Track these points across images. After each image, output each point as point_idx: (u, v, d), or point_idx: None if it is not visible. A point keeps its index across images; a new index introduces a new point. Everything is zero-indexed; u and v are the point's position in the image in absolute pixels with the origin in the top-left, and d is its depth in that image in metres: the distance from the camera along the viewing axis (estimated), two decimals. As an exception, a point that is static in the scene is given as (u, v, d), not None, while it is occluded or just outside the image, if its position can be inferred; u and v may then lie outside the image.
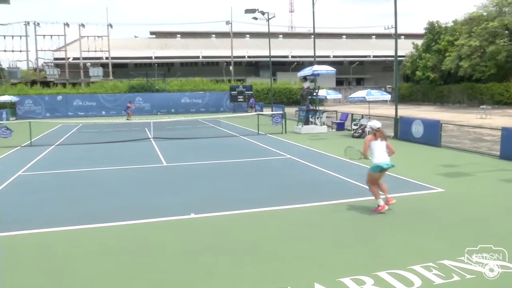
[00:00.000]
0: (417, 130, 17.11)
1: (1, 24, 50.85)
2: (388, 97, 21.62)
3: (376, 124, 8.02)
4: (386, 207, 7.73)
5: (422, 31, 53.82)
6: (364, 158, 8.22)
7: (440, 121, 16.85)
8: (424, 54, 50.29)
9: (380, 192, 7.90)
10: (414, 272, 5.24)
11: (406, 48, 53.13)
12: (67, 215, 8.07)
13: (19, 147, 17.99)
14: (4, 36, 51.28)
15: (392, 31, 20.82)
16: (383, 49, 62.79)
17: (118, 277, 5.38)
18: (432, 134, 16.27)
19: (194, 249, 6.28)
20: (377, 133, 7.91)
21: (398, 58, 22.17)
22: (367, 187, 8.13)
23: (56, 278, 5.39)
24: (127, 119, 33.44)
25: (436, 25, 51.17)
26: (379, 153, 7.78)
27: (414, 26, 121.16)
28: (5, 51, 51.75)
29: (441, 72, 48.53)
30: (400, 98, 44.63)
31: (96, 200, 9.30)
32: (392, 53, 47.16)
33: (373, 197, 7.88)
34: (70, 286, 5.18)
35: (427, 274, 5.18)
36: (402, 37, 67.75)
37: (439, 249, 5.91)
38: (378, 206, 7.71)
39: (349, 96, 22.79)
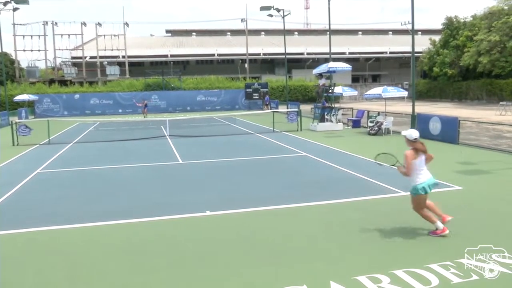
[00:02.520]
0: (435, 127, 16.88)
1: (21, 24, 51.86)
2: (405, 93, 21.36)
3: (413, 133, 6.38)
4: (447, 231, 6.31)
5: (440, 27, 53.00)
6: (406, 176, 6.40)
7: (458, 117, 16.59)
8: (441, 50, 49.51)
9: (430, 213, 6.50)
10: (431, 271, 5.16)
11: (423, 44, 52.40)
12: (85, 212, 8.18)
13: (37, 145, 18.29)
14: (23, 36, 52.28)
15: (409, 27, 20.56)
16: (399, 45, 62.04)
17: (134, 273, 5.43)
18: (450, 131, 16.03)
19: (210, 246, 6.29)
20: (417, 146, 6.29)
21: (415, 54, 21.87)
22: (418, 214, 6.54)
23: (74, 273, 5.46)
24: (145, 117, 33.54)
25: (454, 20, 50.30)
26: (423, 170, 6.33)
27: (431, 22, 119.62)
28: (24, 50, 52.77)
29: (459, 68, 47.71)
30: (417, 95, 44.09)
31: (113, 197, 9.40)
32: (409, 49, 46.43)
33: (390, 194, 7.75)
34: (87, 281, 5.24)
35: (444, 273, 5.10)
36: (419, 33, 66.84)
37: (457, 248, 5.80)
38: (437, 229, 6.38)
39: (365, 93, 22.60)
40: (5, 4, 32.76)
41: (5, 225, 7.44)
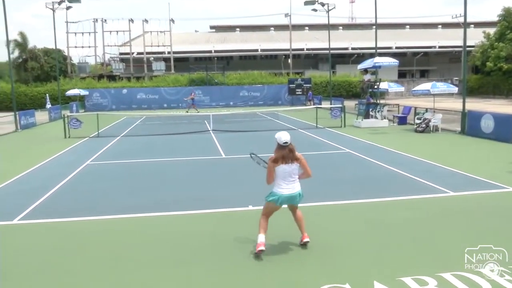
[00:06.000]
0: (487, 124, 16.11)
1: (73, 22, 53.99)
2: (455, 89, 20.51)
3: (282, 136, 5.95)
4: (263, 247, 5.60)
5: (495, 19, 50.43)
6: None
7: (514, 115, 15.78)
8: (496, 43, 47.10)
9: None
10: (482, 276, 4.92)
11: (475, 37, 50.07)
12: (131, 203, 8.41)
13: (87, 137, 19.02)
14: (75, 33, 54.34)
15: (460, 19, 19.71)
16: (449, 39, 59.68)
17: (176, 265, 5.52)
18: (504, 129, 15.24)
19: (251, 240, 6.29)
20: (283, 153, 5.87)
21: (467, 49, 20.95)
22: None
23: (119, 263, 5.64)
24: (187, 111, 33.98)
25: (512, 10, 47.67)
26: (290, 183, 5.95)
27: (485, 14, 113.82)
28: (75, 47, 54.86)
29: (516, 63, 45.24)
30: (468, 91, 42.03)
31: (158, 189, 9.60)
32: (459, 43, 44.62)
33: (438, 194, 7.47)
34: (131, 271, 5.38)
35: (497, 279, 4.85)
36: (472, 25, 63.89)
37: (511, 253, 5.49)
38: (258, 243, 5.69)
39: (413, 89, 21.90)
40: (59, 3, 34.35)
41: (57, 214, 7.79)
